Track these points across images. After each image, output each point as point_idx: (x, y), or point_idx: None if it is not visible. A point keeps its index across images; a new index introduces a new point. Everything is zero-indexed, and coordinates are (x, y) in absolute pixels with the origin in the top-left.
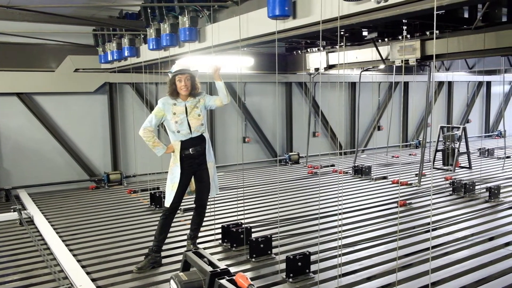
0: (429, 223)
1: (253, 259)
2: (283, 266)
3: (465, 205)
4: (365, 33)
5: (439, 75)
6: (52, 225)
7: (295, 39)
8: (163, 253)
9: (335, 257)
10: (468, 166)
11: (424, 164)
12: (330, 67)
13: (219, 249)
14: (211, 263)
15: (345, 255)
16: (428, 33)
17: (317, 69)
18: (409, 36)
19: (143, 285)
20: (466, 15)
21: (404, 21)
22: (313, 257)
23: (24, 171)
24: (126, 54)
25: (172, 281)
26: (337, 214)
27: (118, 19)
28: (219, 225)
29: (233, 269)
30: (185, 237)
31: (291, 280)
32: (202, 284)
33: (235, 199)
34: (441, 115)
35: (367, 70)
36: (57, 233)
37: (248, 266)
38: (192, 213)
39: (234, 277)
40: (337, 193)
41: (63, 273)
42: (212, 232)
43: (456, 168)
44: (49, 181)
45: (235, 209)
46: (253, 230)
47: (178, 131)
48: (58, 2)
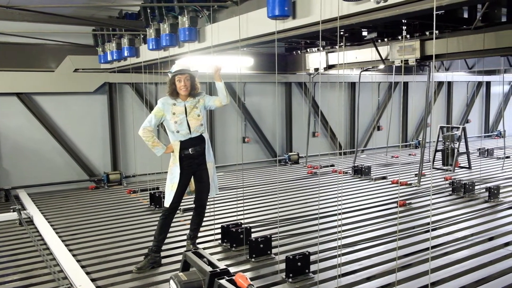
0: (428, 223)
1: (253, 259)
2: (283, 266)
3: (465, 205)
4: (364, 33)
5: (439, 75)
6: (51, 225)
7: (295, 39)
8: (163, 253)
9: (335, 257)
10: (467, 166)
11: (423, 164)
12: (329, 67)
13: (219, 249)
14: (210, 263)
15: (345, 255)
16: (427, 33)
17: (316, 69)
18: (408, 36)
19: (143, 285)
20: (465, 15)
21: (403, 21)
22: (312, 257)
23: (23, 171)
24: (125, 54)
25: (171, 281)
26: (336, 214)
27: (117, 19)
28: (219, 225)
29: (232, 269)
30: (185, 237)
31: (290, 280)
32: (201, 284)
33: (235, 199)
34: (440, 115)
35: (366, 70)
36: (57, 233)
37: (247, 266)
38: (191, 213)
39: (233, 277)
40: (337, 193)
41: (62, 273)
42: (211, 232)
43: (455, 168)
44: (49, 181)
45: (235, 209)
46: (253, 230)
47: (177, 131)
48: (57, 2)
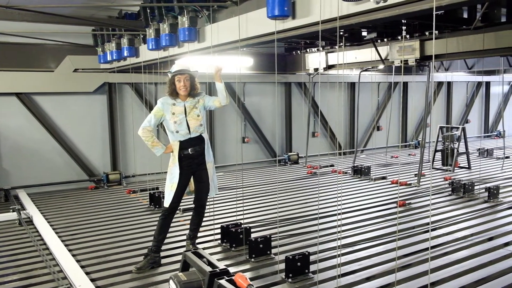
0: (428, 223)
1: (253, 259)
2: (283, 266)
3: (464, 205)
4: (364, 33)
5: (438, 75)
6: (51, 225)
7: (295, 39)
8: (163, 253)
9: (335, 257)
10: (467, 166)
11: (423, 164)
12: (329, 67)
13: (219, 249)
14: (210, 263)
15: (345, 255)
16: (427, 33)
17: (316, 69)
18: (408, 36)
19: (142, 285)
20: (465, 15)
21: (403, 21)
22: (312, 257)
23: (23, 171)
24: (125, 54)
25: (171, 281)
26: (336, 214)
27: (117, 19)
28: (219, 225)
29: (232, 269)
30: (184, 237)
31: (290, 280)
32: (201, 284)
33: (235, 199)
34: (440, 115)
35: (366, 70)
36: (56, 233)
37: (247, 266)
38: (191, 213)
39: (233, 277)
40: (337, 193)
41: (62, 273)
42: (211, 232)
43: (455, 168)
44: (48, 181)
45: (235, 209)
46: (253, 230)
47: (177, 131)
48: (57, 2)
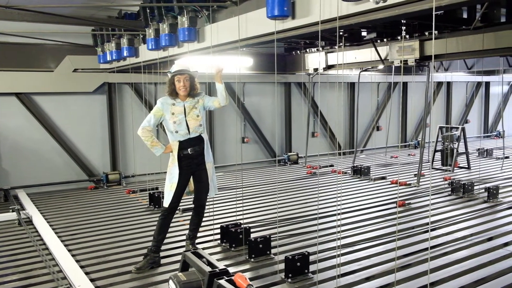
0: (428, 223)
1: (252, 259)
2: (282, 266)
3: (464, 205)
4: (364, 34)
5: (438, 76)
6: (50, 225)
7: (294, 39)
8: (162, 253)
9: (334, 257)
10: (467, 166)
11: (423, 164)
12: (329, 67)
13: (218, 249)
14: (210, 263)
15: (344, 255)
16: (427, 33)
17: (316, 70)
18: (408, 36)
19: (142, 285)
20: (465, 16)
21: (403, 21)
22: (312, 257)
23: (22, 171)
24: (125, 54)
25: (171, 281)
26: (336, 214)
27: (117, 19)
28: (218, 225)
29: (232, 269)
30: (184, 237)
31: (290, 280)
32: (201, 284)
33: (234, 199)
34: (440, 116)
35: (366, 70)
36: (56, 233)
37: (247, 266)
38: (191, 213)
39: (233, 277)
40: (336, 194)
41: (61, 273)
42: (211, 232)
43: (455, 168)
44: (48, 181)
45: (234, 209)
46: (252, 230)
47: (176, 131)
48: (57, 2)
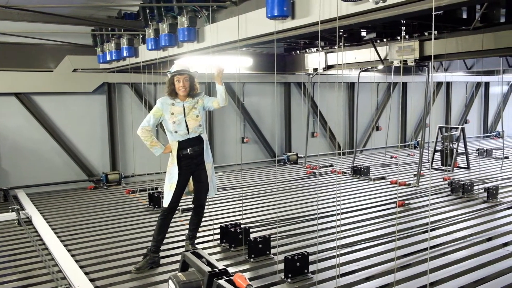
0: (427, 224)
1: (252, 259)
2: (282, 266)
3: (464, 205)
4: (363, 34)
5: (438, 76)
6: (50, 225)
7: (294, 40)
8: (162, 254)
9: (334, 257)
10: (466, 166)
11: (422, 164)
12: (328, 67)
13: (218, 249)
14: (209, 263)
15: (344, 255)
16: (426, 33)
17: (315, 70)
18: (407, 36)
19: (142, 285)
20: (464, 16)
21: (402, 21)
22: (311, 257)
23: (22, 171)
24: (124, 54)
25: (170, 282)
26: (335, 214)
27: (116, 19)
28: (218, 225)
29: (231, 270)
30: (184, 237)
31: (289, 280)
32: (200, 284)
33: (234, 199)
34: (439, 116)
35: (365, 70)
36: (56, 233)
37: (246, 266)
38: (190, 213)
39: (232, 277)
40: (336, 194)
41: (61, 273)
42: (210, 232)
43: (454, 168)
44: (48, 181)
45: (234, 209)
46: (252, 230)
47: (175, 131)
48: (56, 2)
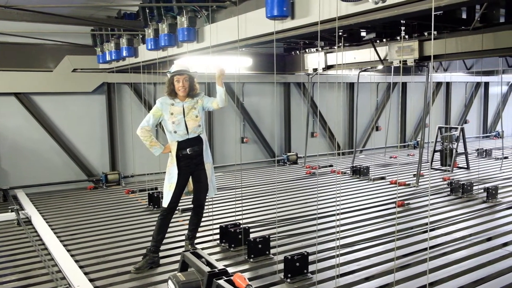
0: (427, 224)
1: (251, 260)
2: (281, 266)
3: (463, 205)
4: (363, 34)
5: (437, 76)
6: (50, 226)
7: (294, 40)
8: (161, 254)
9: (333, 257)
10: (466, 166)
11: (422, 164)
12: (328, 67)
13: (217, 249)
14: (209, 264)
15: (343, 255)
16: (426, 33)
17: (315, 70)
18: (407, 36)
19: (141, 286)
20: (464, 16)
21: (402, 21)
22: (311, 258)
23: (22, 171)
24: (124, 54)
25: (170, 282)
26: (335, 214)
27: (116, 19)
28: (217, 226)
29: (231, 270)
30: (183, 237)
31: (289, 280)
32: (200, 284)
33: (233, 199)
34: (439, 116)
35: (365, 70)
36: (55, 233)
37: (246, 266)
38: (190, 214)
39: (232, 278)
40: (335, 194)
41: (61, 274)
42: (210, 232)
43: (454, 168)
44: (47, 181)
45: (233, 210)
46: (251, 230)
47: (175, 131)
48: (56, 2)
